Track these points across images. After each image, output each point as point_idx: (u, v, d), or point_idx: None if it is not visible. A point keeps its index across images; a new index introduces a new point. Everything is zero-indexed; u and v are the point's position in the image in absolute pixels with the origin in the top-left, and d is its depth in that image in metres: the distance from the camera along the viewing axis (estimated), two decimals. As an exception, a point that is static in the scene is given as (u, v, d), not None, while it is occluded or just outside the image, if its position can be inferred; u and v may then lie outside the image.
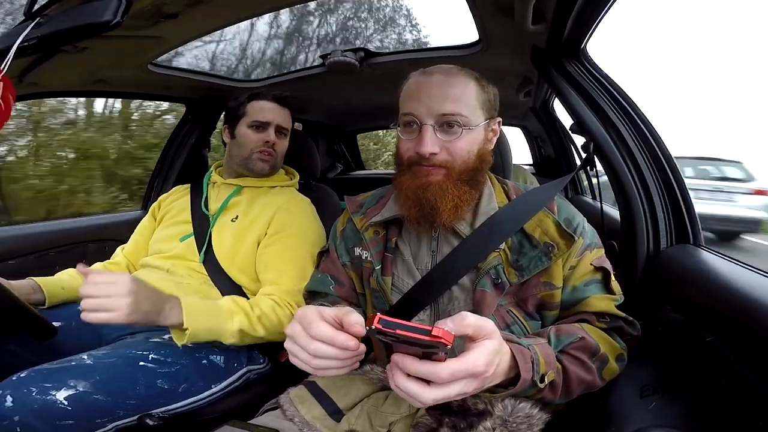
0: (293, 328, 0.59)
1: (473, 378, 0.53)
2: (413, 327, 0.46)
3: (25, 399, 0.84)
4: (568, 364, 0.71)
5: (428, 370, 0.51)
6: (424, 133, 0.81)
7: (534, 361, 0.65)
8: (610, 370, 0.76)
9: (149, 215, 1.49)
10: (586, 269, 0.82)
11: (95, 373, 0.93)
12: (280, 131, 1.42)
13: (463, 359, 0.52)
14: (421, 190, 0.82)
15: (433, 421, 0.74)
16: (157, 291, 0.97)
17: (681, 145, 38.28)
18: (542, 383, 0.65)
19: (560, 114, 2.38)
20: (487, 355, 0.54)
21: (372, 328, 0.47)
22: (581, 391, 0.73)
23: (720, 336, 0.67)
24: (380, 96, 2.07)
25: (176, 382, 1.03)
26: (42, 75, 1.25)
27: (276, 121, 1.39)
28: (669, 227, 1.02)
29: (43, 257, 1.58)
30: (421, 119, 0.81)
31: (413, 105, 0.83)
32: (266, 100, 1.40)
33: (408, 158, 0.84)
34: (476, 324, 0.53)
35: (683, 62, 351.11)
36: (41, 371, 0.90)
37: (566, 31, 1.08)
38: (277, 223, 1.29)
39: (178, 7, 1.04)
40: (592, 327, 0.78)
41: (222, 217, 1.33)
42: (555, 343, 0.73)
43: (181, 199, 1.45)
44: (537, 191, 0.90)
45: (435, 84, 0.83)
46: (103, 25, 0.76)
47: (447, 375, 0.51)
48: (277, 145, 1.40)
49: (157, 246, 1.35)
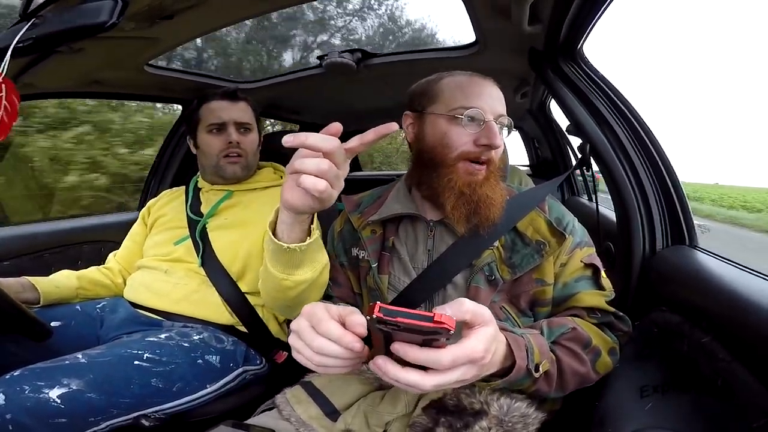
0: (299, 323, 0.59)
1: (472, 364, 0.53)
2: (415, 314, 0.45)
3: (18, 397, 0.84)
4: (561, 355, 0.73)
5: (430, 357, 0.50)
6: (492, 126, 0.83)
7: (528, 349, 0.66)
8: (604, 363, 0.77)
9: (140, 221, 1.47)
10: (576, 266, 0.85)
11: (89, 371, 0.93)
12: (241, 127, 1.35)
13: (462, 345, 0.52)
14: (478, 185, 0.83)
15: (429, 420, 0.74)
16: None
17: (675, 143, 38.49)
18: (537, 373, 0.66)
19: (556, 115, 2.39)
20: (486, 341, 0.54)
21: (372, 317, 0.46)
22: (576, 384, 0.74)
23: (716, 336, 0.68)
24: (377, 97, 2.07)
25: (170, 382, 1.03)
26: (38, 76, 1.24)
27: (233, 118, 1.33)
28: (665, 228, 1.02)
29: (39, 258, 1.58)
30: (487, 115, 0.83)
31: (477, 101, 0.84)
32: (216, 100, 1.34)
33: (462, 151, 0.84)
34: (474, 310, 0.54)
35: (679, 63, 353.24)
36: (35, 370, 0.90)
37: (562, 33, 1.08)
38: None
39: (174, 9, 1.04)
40: (583, 321, 0.80)
41: (215, 220, 1.31)
42: (547, 334, 0.75)
43: (173, 203, 1.43)
44: (530, 192, 0.93)
45: (491, 86, 0.87)
46: (99, 26, 0.76)
47: (448, 361, 0.50)
48: (243, 142, 1.34)
49: (152, 251, 1.34)
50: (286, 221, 0.73)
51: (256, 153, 1.40)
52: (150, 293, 1.23)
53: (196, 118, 1.34)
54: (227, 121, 1.32)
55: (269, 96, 2.03)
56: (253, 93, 1.94)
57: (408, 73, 0.99)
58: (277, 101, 2.19)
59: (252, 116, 1.39)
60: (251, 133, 1.38)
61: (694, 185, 67.87)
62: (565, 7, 0.98)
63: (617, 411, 0.72)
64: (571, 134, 1.19)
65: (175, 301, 1.21)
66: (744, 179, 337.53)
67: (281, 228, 0.74)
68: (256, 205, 1.33)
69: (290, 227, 0.73)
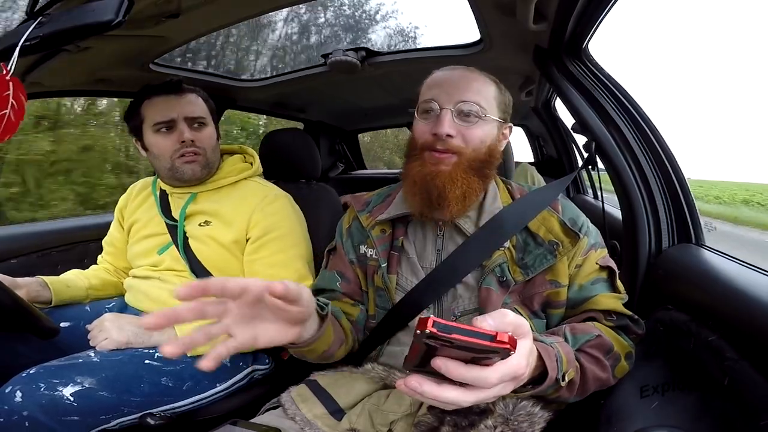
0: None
1: (514, 380, 0.51)
2: (473, 332, 0.42)
3: (34, 394, 0.85)
4: (585, 363, 0.71)
5: (477, 376, 0.46)
6: (443, 115, 0.83)
7: (558, 359, 0.64)
8: (622, 368, 0.76)
9: (116, 224, 1.37)
10: (592, 268, 0.83)
11: (101, 370, 0.94)
12: (194, 122, 1.19)
13: (508, 363, 0.48)
14: (431, 177, 0.83)
15: (435, 419, 0.74)
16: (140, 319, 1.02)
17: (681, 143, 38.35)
18: (563, 381, 0.65)
19: (562, 113, 2.38)
20: (526, 356, 0.52)
21: (425, 332, 0.41)
22: (595, 388, 0.74)
23: (722, 335, 0.67)
24: (381, 95, 2.07)
25: (181, 380, 1.04)
26: (44, 74, 1.25)
27: (182, 113, 1.16)
28: (671, 227, 1.02)
29: (46, 256, 1.59)
30: (442, 104, 0.83)
31: (435, 92, 0.85)
32: (158, 95, 1.17)
33: (423, 142, 0.85)
34: (516, 322, 0.50)
35: (685, 60, 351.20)
36: (50, 368, 0.91)
37: (568, 31, 1.08)
38: (260, 226, 1.17)
39: (180, 7, 1.04)
40: (603, 326, 0.79)
41: (189, 225, 1.21)
42: (572, 341, 0.73)
43: (144, 205, 1.32)
44: (541, 191, 0.91)
45: (458, 76, 0.87)
46: (104, 25, 0.76)
47: (496, 380, 0.47)
48: (198, 139, 1.18)
49: (139, 261, 1.27)
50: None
51: (215, 148, 1.25)
52: (151, 301, 1.20)
53: (139, 117, 1.18)
54: (176, 118, 1.16)
55: (274, 94, 2.04)
56: (258, 91, 1.94)
57: (412, 71, 0.99)
58: (282, 99, 2.20)
59: (205, 109, 1.23)
60: (206, 128, 1.22)
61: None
62: (571, 4, 0.97)
63: (623, 410, 0.72)
64: (577, 132, 1.19)
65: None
66: (715, 174, 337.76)
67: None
68: (226, 207, 1.21)
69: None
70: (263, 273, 1.15)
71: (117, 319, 1.06)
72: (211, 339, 0.52)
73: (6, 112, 0.82)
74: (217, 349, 0.50)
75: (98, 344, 1.02)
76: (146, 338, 1.06)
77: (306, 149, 1.58)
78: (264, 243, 1.17)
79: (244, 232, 1.18)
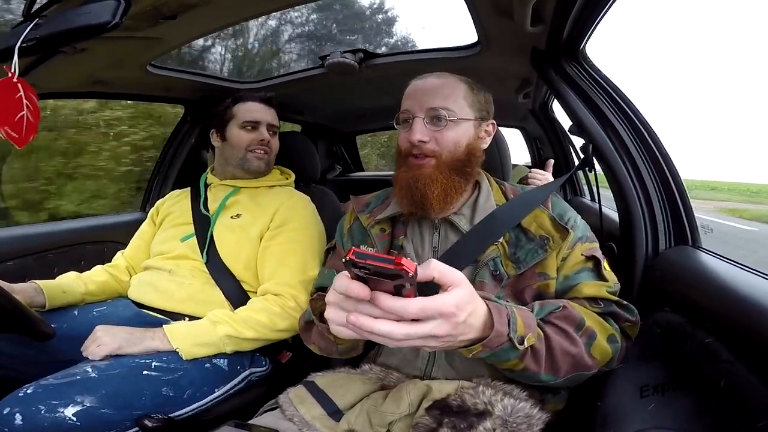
0: (329, 296, 0.60)
1: (444, 319, 0.55)
2: (381, 257, 0.48)
3: (35, 417, 0.84)
4: (550, 333, 0.72)
5: (399, 305, 0.53)
6: (415, 123, 0.90)
7: (510, 318, 0.66)
8: (600, 348, 0.76)
9: (149, 220, 1.51)
10: (576, 259, 0.86)
11: (101, 386, 0.93)
12: (271, 129, 1.46)
13: (432, 298, 0.55)
14: (413, 180, 0.90)
15: (433, 421, 0.74)
16: (132, 328, 1.09)
17: (677, 144, 38.52)
18: (521, 345, 0.66)
19: (559, 115, 2.38)
20: (457, 299, 0.56)
21: (348, 259, 0.49)
22: (569, 365, 0.73)
23: (719, 337, 0.67)
24: (379, 97, 2.07)
25: (181, 389, 1.04)
26: (41, 76, 1.24)
27: (266, 120, 1.44)
28: (668, 229, 1.02)
29: (42, 258, 1.57)
30: (414, 113, 0.91)
31: (408, 102, 0.93)
32: (253, 101, 1.45)
33: (404, 150, 0.93)
34: (442, 269, 0.56)
35: (682, 63, 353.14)
36: (47, 387, 0.89)
37: (565, 33, 1.08)
38: (279, 218, 1.32)
39: (177, 9, 1.04)
40: (584, 309, 0.80)
41: (222, 217, 1.35)
42: (537, 311, 0.76)
43: (181, 202, 1.47)
44: (534, 191, 0.95)
45: (428, 85, 0.93)
46: (102, 27, 0.76)
47: (416, 309, 0.53)
48: (271, 142, 1.45)
49: (159, 248, 1.37)
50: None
51: (275, 155, 1.50)
52: (156, 293, 1.25)
53: (229, 115, 1.43)
54: (261, 121, 1.43)
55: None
56: (255, 93, 1.94)
57: (410, 73, 0.99)
58: (279, 101, 2.19)
59: (278, 123, 1.51)
60: (276, 137, 1.49)
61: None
62: (568, 7, 0.98)
63: (620, 411, 0.72)
64: (574, 134, 1.19)
65: (180, 301, 1.22)
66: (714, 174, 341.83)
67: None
68: (258, 203, 1.37)
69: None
70: (273, 257, 1.26)
71: (108, 328, 1.08)
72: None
73: (23, 114, 0.82)
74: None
75: (91, 353, 1.03)
76: (138, 342, 1.06)
77: (305, 152, 1.57)
78: (280, 232, 1.30)
79: (267, 224, 1.32)
